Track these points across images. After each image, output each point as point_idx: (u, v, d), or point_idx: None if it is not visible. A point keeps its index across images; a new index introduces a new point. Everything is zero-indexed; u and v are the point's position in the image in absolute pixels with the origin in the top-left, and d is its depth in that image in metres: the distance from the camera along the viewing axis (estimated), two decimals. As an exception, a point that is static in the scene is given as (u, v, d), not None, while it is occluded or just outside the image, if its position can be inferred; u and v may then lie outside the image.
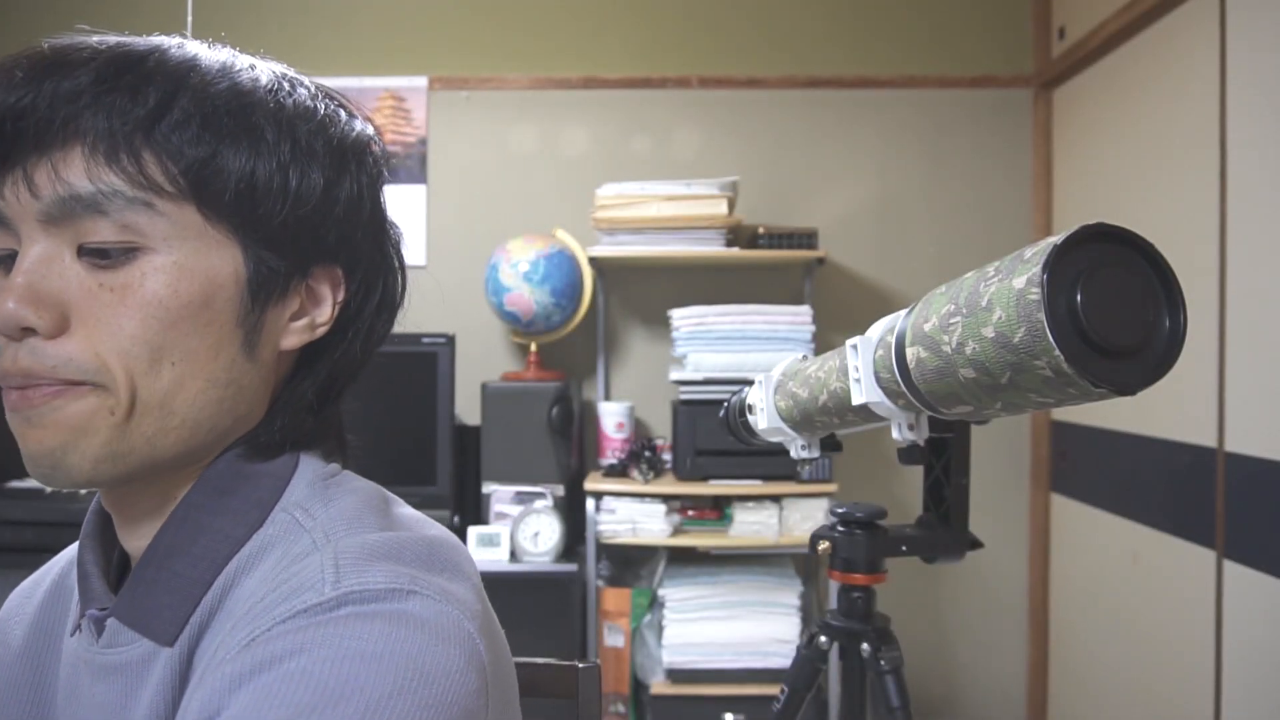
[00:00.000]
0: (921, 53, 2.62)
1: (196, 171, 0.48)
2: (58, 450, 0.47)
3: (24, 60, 0.46)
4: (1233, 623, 1.70)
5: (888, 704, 1.05)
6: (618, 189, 2.33)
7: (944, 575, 2.61)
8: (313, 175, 0.52)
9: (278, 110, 0.51)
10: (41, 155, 0.46)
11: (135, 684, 0.50)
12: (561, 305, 2.37)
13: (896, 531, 1.08)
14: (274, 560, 0.51)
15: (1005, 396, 0.65)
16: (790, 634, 2.18)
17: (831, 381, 0.94)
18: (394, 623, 0.44)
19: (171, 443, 0.50)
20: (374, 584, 0.46)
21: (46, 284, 0.46)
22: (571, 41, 2.65)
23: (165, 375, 0.49)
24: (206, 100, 0.48)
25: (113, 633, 0.51)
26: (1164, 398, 1.93)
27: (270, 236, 0.51)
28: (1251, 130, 1.68)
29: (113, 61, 0.46)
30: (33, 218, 0.47)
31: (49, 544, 0.67)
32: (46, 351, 0.46)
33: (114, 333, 0.47)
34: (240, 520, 0.52)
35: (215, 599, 0.50)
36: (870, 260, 2.63)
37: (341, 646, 0.42)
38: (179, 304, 0.48)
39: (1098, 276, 0.56)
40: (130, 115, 0.46)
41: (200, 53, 0.50)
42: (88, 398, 0.47)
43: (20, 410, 0.47)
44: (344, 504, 0.53)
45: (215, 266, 0.50)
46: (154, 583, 0.51)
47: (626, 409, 2.39)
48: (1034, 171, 2.60)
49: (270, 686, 0.41)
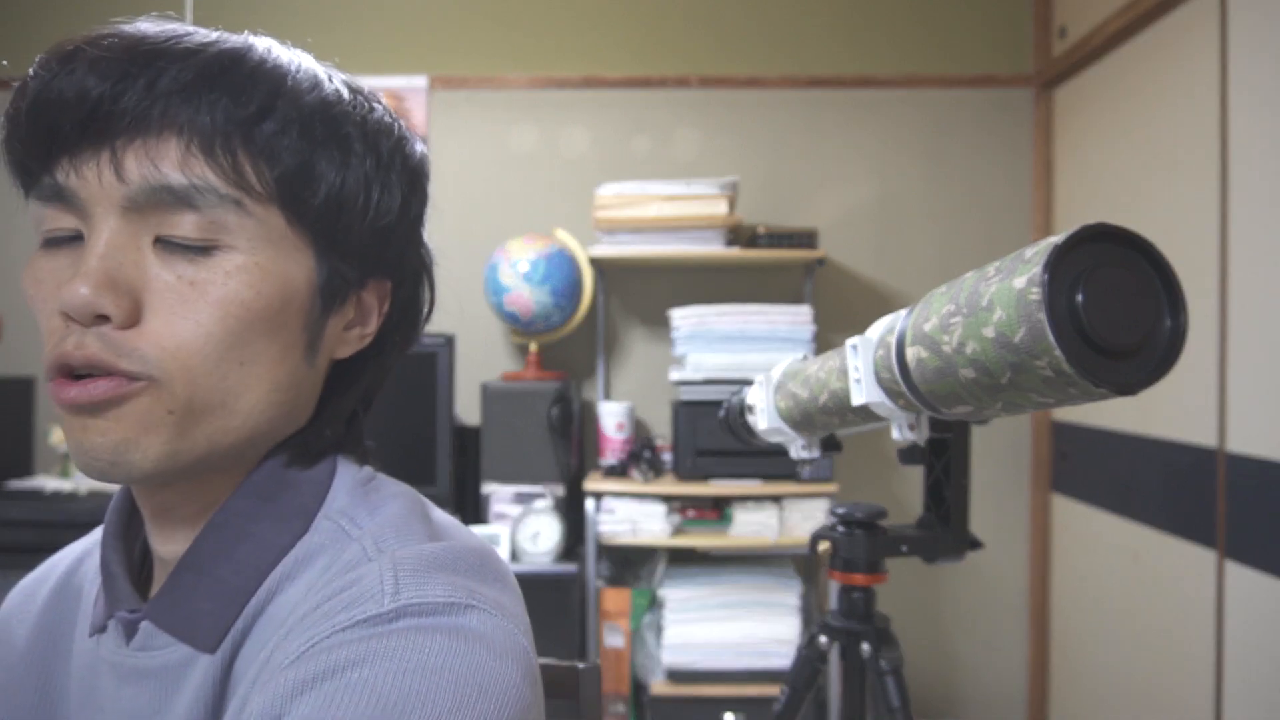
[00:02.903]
0: (922, 52, 2.62)
1: (291, 177, 0.48)
2: (121, 446, 0.46)
3: (117, 45, 0.45)
4: (1233, 623, 1.70)
5: (888, 704, 1.05)
6: (618, 189, 2.33)
7: (944, 575, 2.61)
8: (392, 191, 0.53)
9: (363, 124, 0.52)
10: (132, 141, 0.45)
11: (170, 689, 0.50)
12: (561, 305, 2.37)
13: (896, 531, 1.08)
14: (320, 568, 0.51)
15: (1006, 396, 0.65)
16: (790, 634, 2.18)
17: (832, 382, 0.94)
18: (453, 637, 0.45)
19: (230, 443, 0.50)
20: (433, 597, 0.46)
21: (123, 272, 0.45)
22: (571, 41, 2.65)
23: (232, 376, 0.48)
24: (303, 107, 0.48)
25: (146, 636, 0.51)
26: (1164, 398, 1.93)
27: (346, 246, 0.52)
28: (1251, 130, 1.68)
29: (217, 59, 0.46)
30: (114, 202, 0.45)
31: (49, 544, 0.67)
32: (117, 341, 0.45)
33: (190, 328, 0.46)
34: (284, 527, 0.52)
35: (258, 606, 0.50)
36: (870, 260, 2.63)
37: (403, 660, 0.43)
38: (260, 305, 0.48)
39: (1098, 276, 0.56)
40: (233, 115, 0.46)
41: (288, 56, 0.50)
42: (145, 395, 0.46)
43: (79, 404, 0.46)
44: (389, 511, 0.54)
45: (291, 272, 0.50)
46: (194, 587, 0.50)
47: (626, 409, 2.39)
48: (1034, 171, 2.60)
49: (333, 695, 0.41)
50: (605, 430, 2.38)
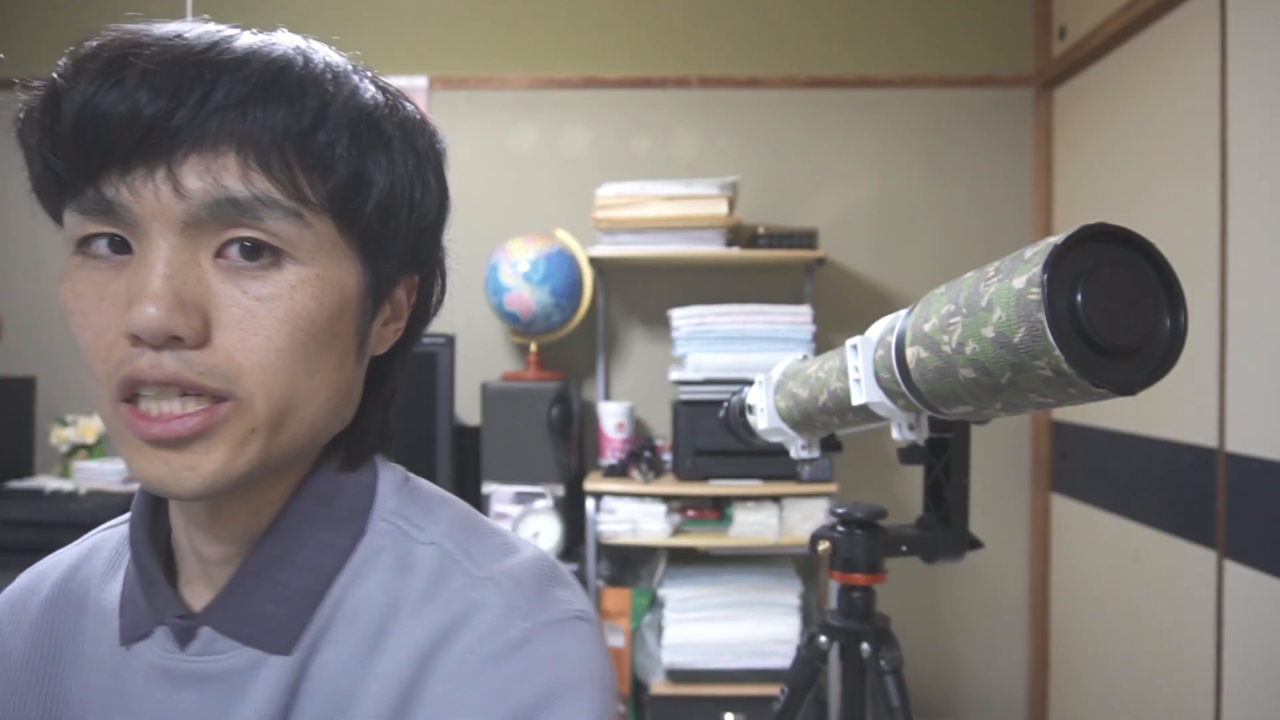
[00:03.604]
0: (921, 53, 2.62)
1: (344, 186, 0.48)
2: (213, 477, 0.46)
3: (163, 55, 0.43)
4: (1233, 623, 1.70)
5: (888, 704, 1.05)
6: (618, 189, 2.33)
7: (944, 575, 2.61)
8: (430, 189, 0.53)
9: (402, 124, 0.52)
10: (188, 156, 0.44)
11: (236, 691, 0.50)
12: (561, 305, 2.37)
13: (896, 531, 1.08)
14: (386, 569, 0.53)
15: (1005, 396, 0.65)
16: (790, 634, 2.18)
17: (831, 381, 0.94)
18: (589, 644, 0.51)
19: (295, 450, 0.50)
20: (561, 613, 0.51)
21: (188, 290, 0.44)
22: (571, 41, 2.65)
23: (301, 386, 0.48)
24: (351, 114, 0.48)
25: (206, 641, 0.51)
26: (1164, 398, 1.93)
27: (391, 249, 0.52)
28: (1251, 130, 1.68)
29: (267, 69, 0.45)
30: (174, 218, 0.44)
31: (49, 544, 0.66)
32: (194, 360, 0.44)
33: (260, 343, 0.46)
34: (342, 530, 0.53)
35: (331, 608, 0.51)
36: (870, 260, 2.63)
37: (574, 669, 0.49)
38: (323, 316, 0.48)
39: (1098, 276, 0.56)
40: (289, 127, 0.45)
41: (326, 58, 0.49)
42: (231, 418, 0.46)
43: (163, 440, 0.45)
44: (444, 513, 0.56)
45: (345, 279, 0.50)
46: (255, 591, 0.51)
47: (626, 409, 2.39)
48: (1034, 171, 2.60)
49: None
50: (605, 430, 2.38)
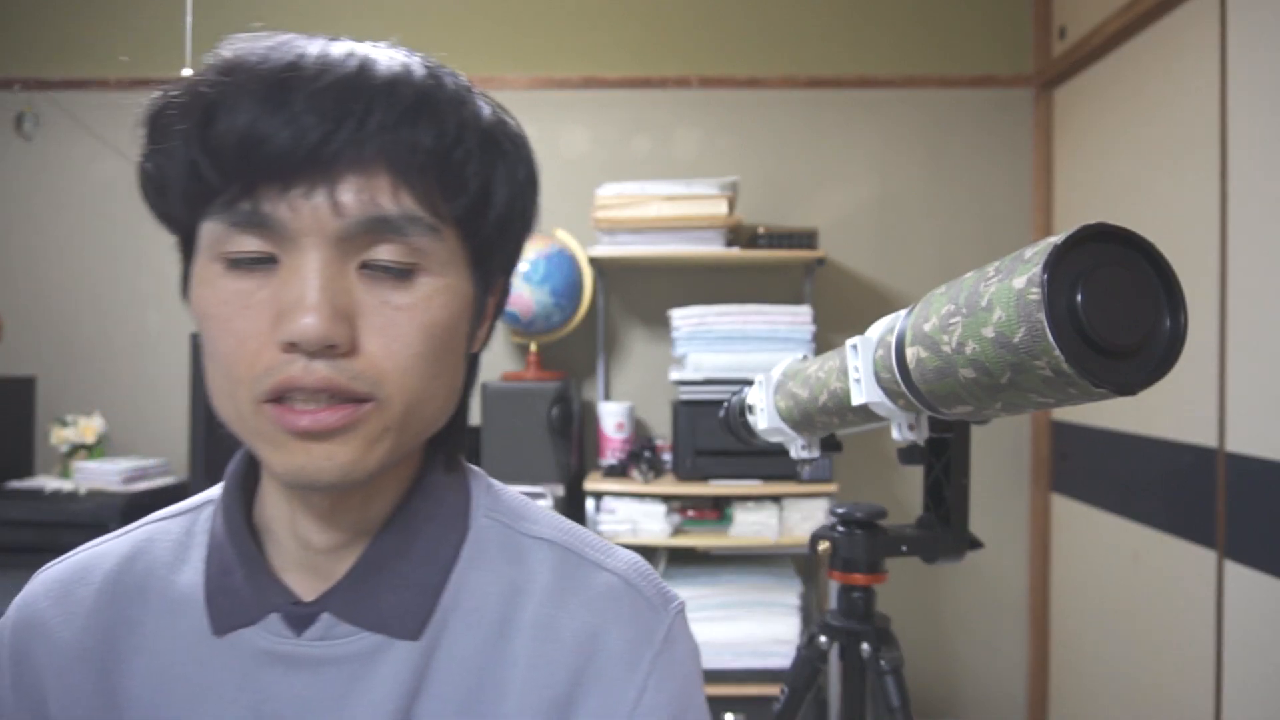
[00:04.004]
0: (921, 53, 2.62)
1: (474, 201, 0.51)
2: (347, 467, 0.49)
3: (320, 81, 0.46)
4: (1233, 623, 1.70)
5: (888, 704, 1.05)
6: (618, 189, 2.33)
7: (944, 575, 2.61)
8: (533, 200, 0.57)
9: (513, 136, 0.55)
10: (344, 176, 0.47)
11: (357, 674, 0.54)
12: (561, 305, 2.37)
13: (896, 531, 1.08)
14: (498, 560, 0.58)
15: (1005, 396, 0.65)
16: (790, 634, 2.18)
17: (831, 382, 0.94)
18: (689, 627, 0.61)
19: (414, 446, 0.54)
20: (676, 602, 0.61)
21: (340, 300, 0.47)
22: (571, 41, 2.65)
23: (429, 388, 0.51)
24: (478, 131, 0.51)
25: (325, 626, 0.54)
26: (1164, 398, 1.93)
27: (501, 258, 0.56)
28: (1251, 130, 1.68)
29: (413, 93, 0.48)
30: (329, 233, 0.47)
31: (49, 544, 0.66)
32: (345, 367, 0.48)
33: (400, 350, 0.49)
34: (450, 524, 0.58)
35: (451, 598, 0.56)
36: (870, 260, 2.63)
37: (689, 662, 0.61)
38: (451, 324, 0.52)
39: (1098, 276, 0.56)
40: (434, 148, 0.49)
41: (447, 74, 0.52)
42: (371, 417, 0.49)
43: (312, 432, 0.48)
44: (534, 510, 0.63)
45: (465, 287, 0.53)
46: (377, 581, 0.55)
47: (626, 409, 2.39)
48: (1034, 171, 2.60)
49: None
50: (605, 430, 2.38)
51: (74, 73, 2.65)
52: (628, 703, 0.55)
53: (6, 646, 0.59)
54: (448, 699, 0.54)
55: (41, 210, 2.66)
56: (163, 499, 2.37)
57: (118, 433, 2.62)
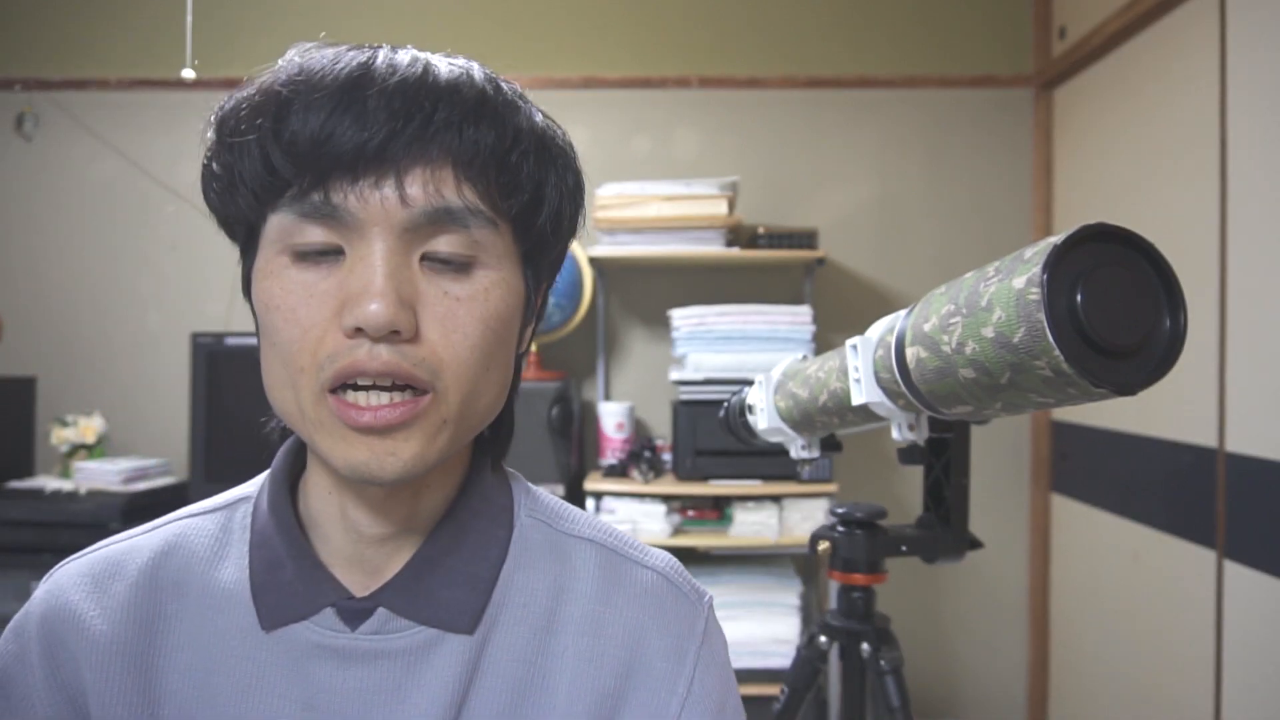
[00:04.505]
0: (921, 53, 2.62)
1: (530, 199, 0.53)
2: (410, 463, 0.50)
3: (387, 82, 0.49)
4: (1233, 623, 1.70)
5: (888, 704, 1.05)
6: (618, 189, 2.33)
7: (944, 575, 2.61)
8: (580, 204, 0.59)
9: (565, 144, 0.58)
10: (410, 169, 0.49)
11: (411, 667, 0.55)
12: (561, 305, 2.37)
13: (896, 531, 1.08)
14: (544, 558, 0.61)
15: (1005, 396, 0.65)
16: (790, 634, 2.18)
17: (831, 382, 0.94)
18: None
19: (467, 440, 0.55)
20: (707, 596, 0.65)
21: (404, 289, 0.49)
22: (571, 41, 2.65)
23: (482, 382, 0.53)
24: (534, 134, 0.54)
25: (381, 620, 0.56)
26: (1164, 398, 1.93)
27: (551, 257, 0.59)
28: (1251, 130, 1.68)
29: (475, 95, 0.51)
30: (395, 223, 0.49)
31: (49, 544, 0.66)
32: (407, 352, 0.49)
33: (459, 340, 0.51)
34: (497, 522, 0.60)
35: (501, 593, 0.58)
36: (870, 260, 2.63)
37: (723, 655, 0.64)
38: (506, 317, 0.54)
39: (1098, 276, 0.56)
40: (495, 146, 0.51)
41: (502, 81, 0.55)
42: (430, 409, 0.51)
43: (374, 428, 0.49)
44: (571, 511, 0.66)
45: (519, 284, 0.55)
46: (430, 577, 0.57)
47: (626, 409, 2.39)
48: (1034, 171, 2.60)
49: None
50: (605, 430, 2.38)
51: (74, 73, 2.65)
52: (679, 695, 0.58)
53: (35, 640, 0.57)
54: (499, 691, 0.56)
55: (41, 210, 2.66)
56: (162, 499, 2.38)
57: (118, 433, 2.62)
